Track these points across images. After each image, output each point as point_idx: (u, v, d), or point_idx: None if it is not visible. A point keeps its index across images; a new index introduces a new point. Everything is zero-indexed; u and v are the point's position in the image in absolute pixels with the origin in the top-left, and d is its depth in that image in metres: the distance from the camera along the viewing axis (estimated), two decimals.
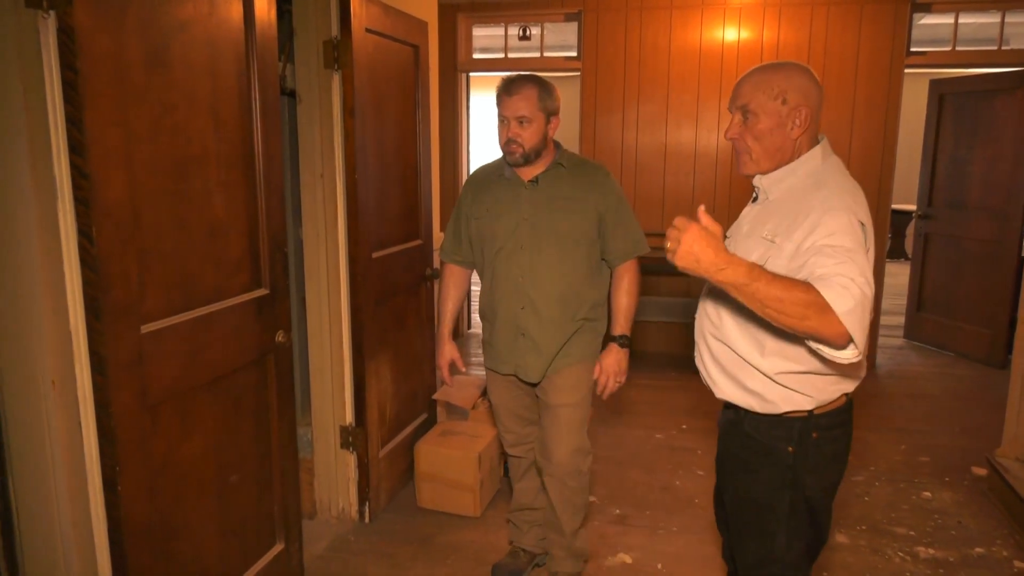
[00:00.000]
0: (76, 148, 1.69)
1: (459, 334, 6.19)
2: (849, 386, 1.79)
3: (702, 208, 1.51)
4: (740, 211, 1.91)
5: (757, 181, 1.81)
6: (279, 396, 2.48)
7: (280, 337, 2.44)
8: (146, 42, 1.86)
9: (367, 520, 3.22)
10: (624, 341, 2.53)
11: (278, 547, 2.56)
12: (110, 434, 1.81)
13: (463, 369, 2.76)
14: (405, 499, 3.43)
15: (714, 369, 1.86)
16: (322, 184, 3.01)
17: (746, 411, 1.82)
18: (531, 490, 2.78)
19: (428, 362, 3.72)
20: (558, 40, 6.10)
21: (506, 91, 2.39)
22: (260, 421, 2.42)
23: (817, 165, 1.75)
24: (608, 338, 2.56)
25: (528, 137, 2.39)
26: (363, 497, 3.21)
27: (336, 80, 2.93)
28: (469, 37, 6.05)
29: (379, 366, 3.25)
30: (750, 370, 1.77)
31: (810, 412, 1.76)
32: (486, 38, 6.17)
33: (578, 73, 5.71)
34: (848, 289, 1.46)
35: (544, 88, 2.40)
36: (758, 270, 1.47)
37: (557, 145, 2.53)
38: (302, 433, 3.19)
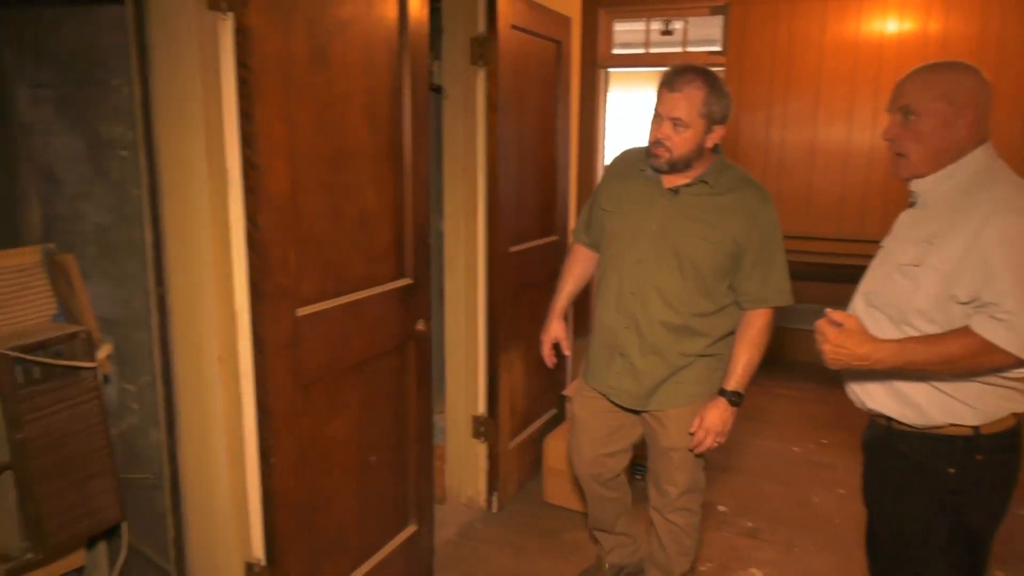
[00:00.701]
0: (247, 140, 1.81)
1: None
2: (1020, 404, 1.64)
3: (828, 311, 1.65)
4: (895, 216, 1.79)
5: (915, 185, 1.71)
6: (418, 383, 2.56)
7: (421, 326, 2.51)
8: (310, 41, 1.96)
9: (494, 509, 3.27)
10: (736, 399, 2.19)
11: (411, 528, 2.64)
12: (267, 409, 1.93)
13: (567, 352, 2.55)
14: (532, 492, 3.45)
15: (864, 375, 1.74)
16: (464, 178, 3.08)
17: (899, 425, 1.70)
18: (610, 503, 2.52)
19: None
20: (702, 34, 5.93)
21: (668, 85, 2.04)
22: (399, 406, 2.51)
23: (981, 167, 1.64)
24: (721, 390, 2.21)
25: (679, 143, 2.05)
26: (492, 487, 3.26)
27: (481, 76, 2.98)
28: (609, 32, 6.00)
29: (512, 359, 3.28)
30: (908, 374, 1.65)
31: (975, 430, 1.63)
32: (626, 33, 6.09)
33: (722, 68, 5.53)
34: (1004, 321, 1.49)
35: (714, 90, 2.03)
36: (909, 344, 1.57)
37: (716, 152, 2.19)
38: (436, 420, 3.28)
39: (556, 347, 2.54)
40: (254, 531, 2.03)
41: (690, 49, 5.90)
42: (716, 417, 2.18)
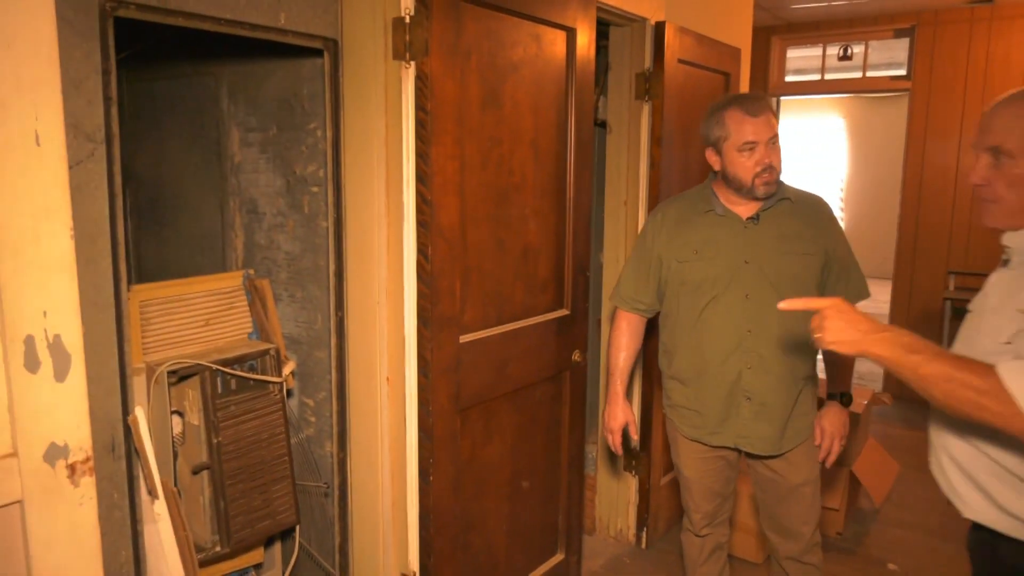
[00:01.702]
0: (422, 178, 1.95)
1: None
2: None
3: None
4: None
5: (1008, 240, 1.46)
6: (571, 412, 2.60)
7: (576, 356, 2.56)
8: (483, 84, 2.08)
9: (643, 545, 3.23)
10: (848, 399, 2.20)
11: (559, 556, 2.67)
12: (428, 429, 2.05)
13: (636, 437, 2.38)
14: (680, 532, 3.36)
15: (959, 478, 1.47)
16: (625, 211, 3.10)
17: (1005, 535, 1.41)
18: (715, 573, 2.40)
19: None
20: (883, 58, 5.60)
21: (751, 111, 2.03)
22: (552, 434, 2.56)
23: None
24: (829, 395, 2.20)
25: (779, 160, 2.05)
26: (641, 522, 3.22)
27: (646, 110, 3.00)
28: (782, 60, 5.81)
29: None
30: (1014, 483, 1.37)
31: None
32: (799, 59, 5.87)
33: (904, 93, 5.19)
34: None
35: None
36: (922, 343, 1.28)
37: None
38: (588, 450, 3.30)
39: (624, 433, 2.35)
40: (411, 544, 2.14)
41: (871, 74, 5.58)
42: (837, 420, 2.18)
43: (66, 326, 1.32)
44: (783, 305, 1.47)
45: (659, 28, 2.90)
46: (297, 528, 2.27)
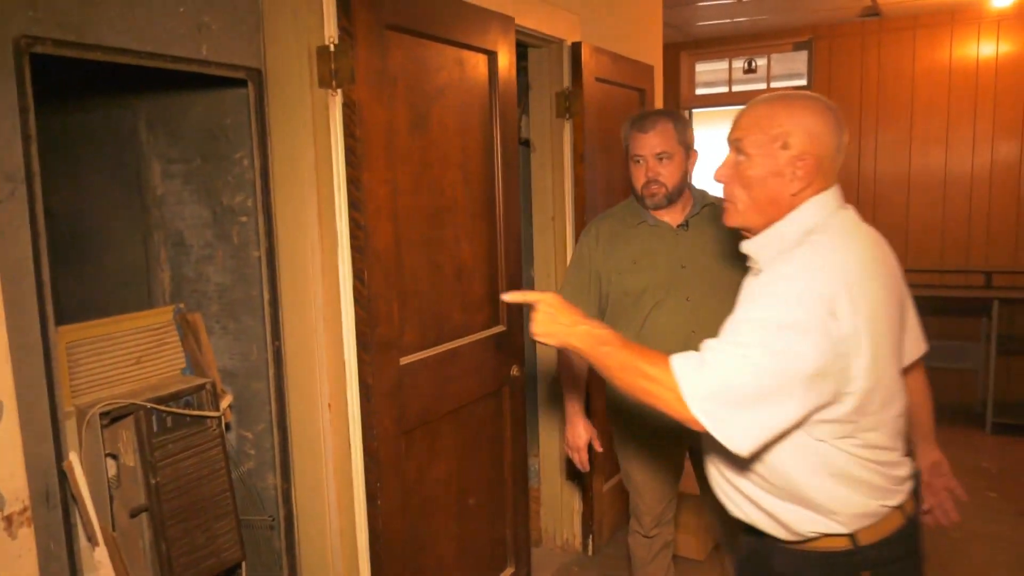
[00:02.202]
0: (355, 204, 1.96)
1: None
2: (893, 497, 1.34)
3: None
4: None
5: (744, 248, 1.44)
6: (513, 426, 2.63)
7: (515, 371, 2.60)
8: (411, 109, 2.11)
9: (590, 552, 3.28)
10: None
11: (509, 570, 2.69)
12: (374, 453, 2.05)
13: (599, 449, 2.39)
14: (627, 535, 3.43)
15: (718, 478, 1.46)
16: (553, 227, 3.17)
17: (773, 539, 1.39)
18: (662, 572, 2.46)
19: None
20: (785, 69, 5.91)
21: (639, 128, 2.15)
22: (495, 449, 2.59)
23: (811, 220, 1.35)
24: None
25: (669, 175, 2.14)
26: (587, 530, 3.28)
27: (567, 128, 3.09)
28: (692, 74, 6.04)
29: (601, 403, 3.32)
30: (752, 476, 1.37)
31: (851, 539, 1.32)
32: (708, 73, 6.12)
33: None
34: (704, 368, 1.24)
35: (679, 121, 2.18)
36: (613, 336, 1.34)
37: (690, 186, 2.27)
38: (531, 463, 3.34)
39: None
40: (363, 570, 2.13)
41: (774, 84, 5.87)
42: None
43: None
44: (506, 297, 1.49)
45: (576, 48, 3.00)
46: (243, 565, 2.22)
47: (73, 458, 1.60)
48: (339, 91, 1.93)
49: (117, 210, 2.52)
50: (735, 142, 1.40)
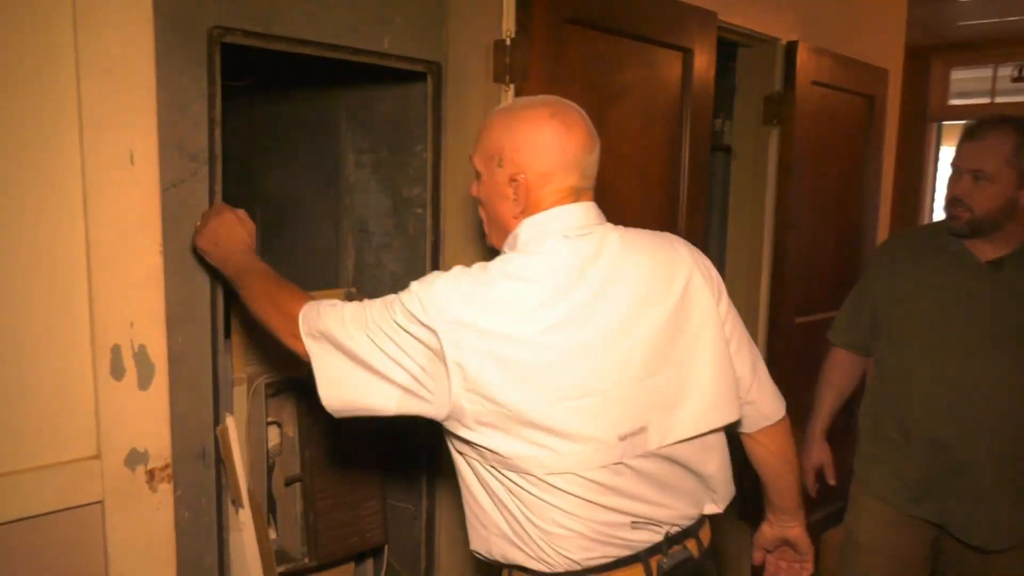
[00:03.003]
0: None
1: None
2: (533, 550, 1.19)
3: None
4: None
5: None
6: None
7: None
8: (587, 108, 2.00)
9: None
10: None
11: None
12: None
13: (832, 480, 2.15)
14: None
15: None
16: (748, 242, 2.92)
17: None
18: None
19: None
20: None
21: (967, 133, 1.80)
22: None
23: (522, 238, 1.21)
24: None
25: (981, 200, 1.75)
26: None
27: (774, 136, 2.82)
28: (946, 81, 5.33)
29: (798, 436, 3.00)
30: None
31: None
32: (966, 81, 5.36)
33: None
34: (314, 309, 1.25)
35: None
36: (265, 269, 1.39)
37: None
38: None
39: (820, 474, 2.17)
40: None
41: None
42: None
43: (151, 337, 1.39)
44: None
45: (790, 48, 2.73)
46: (386, 548, 2.27)
47: (229, 423, 1.70)
48: (511, 87, 1.89)
49: (316, 196, 2.69)
50: (470, 159, 1.32)
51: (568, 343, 1.13)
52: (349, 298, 2.25)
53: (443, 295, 1.14)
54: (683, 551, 1.24)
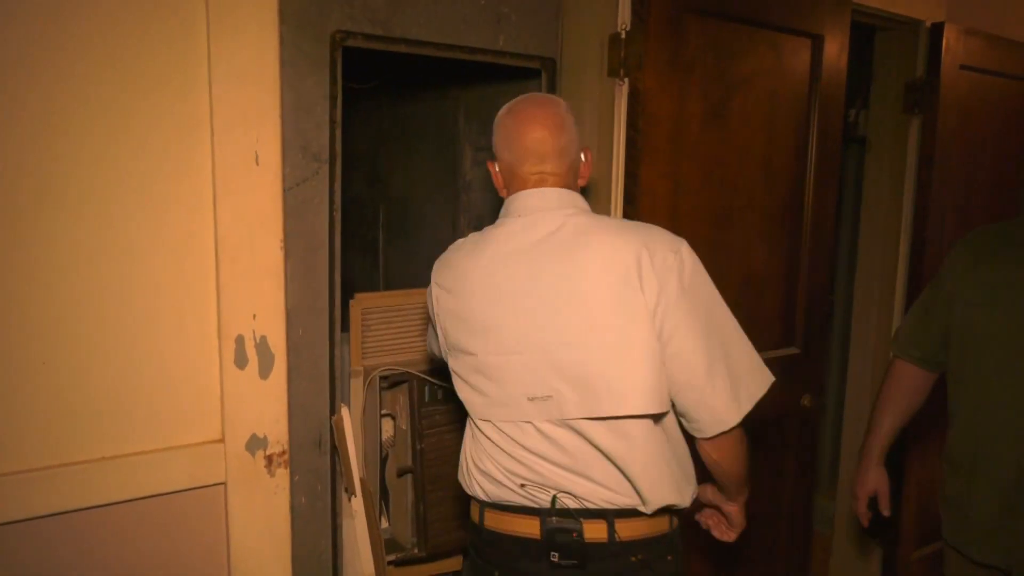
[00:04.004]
0: (630, 198, 1.87)
1: None
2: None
3: None
4: None
5: None
6: (797, 462, 2.33)
7: (806, 401, 2.28)
8: (706, 99, 1.94)
9: None
10: None
11: None
12: None
13: (886, 512, 1.87)
14: None
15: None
16: (883, 239, 2.72)
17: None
18: None
19: None
20: None
21: None
22: (773, 482, 2.31)
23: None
24: None
25: None
26: None
27: (914, 126, 2.61)
28: None
29: (926, 452, 2.78)
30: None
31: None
32: None
33: None
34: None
35: None
36: None
37: None
38: (824, 506, 2.95)
39: (873, 502, 1.89)
40: None
41: None
42: None
43: (272, 328, 1.46)
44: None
45: (936, 30, 2.51)
46: None
47: (344, 413, 1.76)
48: (626, 80, 1.85)
49: (436, 193, 2.75)
50: None
51: (502, 308, 1.29)
52: None
53: (438, 261, 1.41)
54: (574, 523, 1.29)
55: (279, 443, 1.49)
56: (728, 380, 1.28)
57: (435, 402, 2.09)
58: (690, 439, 1.37)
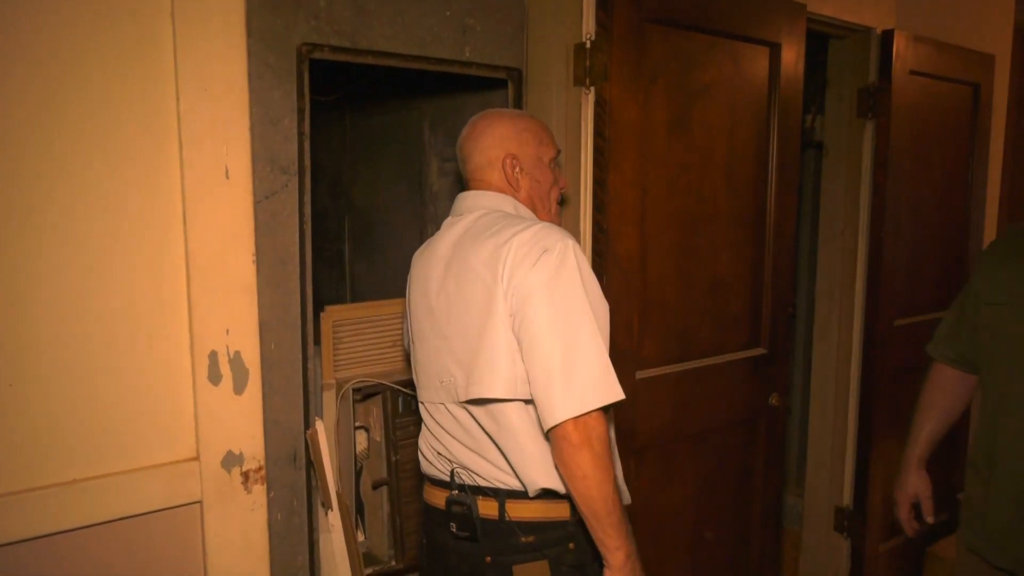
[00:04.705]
0: (599, 206, 1.90)
1: None
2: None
3: None
4: None
5: None
6: (766, 461, 2.37)
7: (774, 400, 2.33)
8: (670, 108, 1.98)
9: None
10: None
11: None
12: None
13: (930, 518, 1.83)
14: None
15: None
16: (841, 241, 2.80)
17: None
18: None
19: (960, 455, 3.14)
20: None
21: None
22: (743, 483, 2.35)
23: None
24: None
25: None
26: None
27: (869, 130, 2.70)
28: None
29: (889, 450, 2.85)
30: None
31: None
32: None
33: None
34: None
35: None
36: None
37: None
38: (792, 503, 3.00)
39: (916, 508, 1.87)
40: None
41: None
42: None
43: (245, 343, 1.44)
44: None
45: (886, 37, 2.60)
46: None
47: (319, 426, 1.75)
48: (592, 89, 1.88)
49: (401, 205, 2.75)
50: None
51: (426, 300, 1.46)
52: None
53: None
54: (468, 498, 1.41)
55: (255, 459, 1.47)
56: (563, 378, 1.26)
57: (409, 413, 2.09)
58: None
